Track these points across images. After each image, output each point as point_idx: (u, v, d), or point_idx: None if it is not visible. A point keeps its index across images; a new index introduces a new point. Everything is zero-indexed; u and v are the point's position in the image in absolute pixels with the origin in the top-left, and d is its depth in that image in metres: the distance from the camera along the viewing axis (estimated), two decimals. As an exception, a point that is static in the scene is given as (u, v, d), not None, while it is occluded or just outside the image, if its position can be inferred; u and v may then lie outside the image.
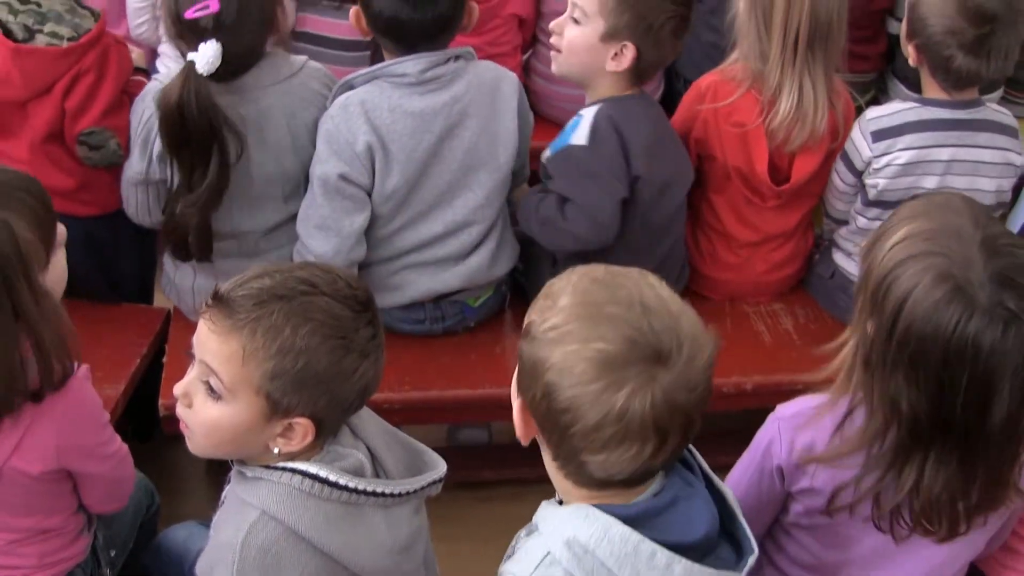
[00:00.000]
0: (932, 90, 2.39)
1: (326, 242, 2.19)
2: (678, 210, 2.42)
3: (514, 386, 1.31)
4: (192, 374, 1.45)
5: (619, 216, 2.23)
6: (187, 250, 2.20)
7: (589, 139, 2.24)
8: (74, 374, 1.64)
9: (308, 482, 1.42)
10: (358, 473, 1.45)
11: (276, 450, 1.45)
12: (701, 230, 2.57)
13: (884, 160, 2.36)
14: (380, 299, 2.23)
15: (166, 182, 2.21)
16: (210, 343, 1.40)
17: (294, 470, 1.43)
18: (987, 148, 2.39)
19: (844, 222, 2.55)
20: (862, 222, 2.47)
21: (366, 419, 1.57)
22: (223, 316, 1.39)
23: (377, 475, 1.51)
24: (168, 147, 2.10)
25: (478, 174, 2.28)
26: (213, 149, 2.09)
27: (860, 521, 1.50)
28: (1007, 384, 1.32)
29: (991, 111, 2.42)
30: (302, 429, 1.42)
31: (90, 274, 2.42)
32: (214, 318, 1.40)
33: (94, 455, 1.72)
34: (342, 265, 2.17)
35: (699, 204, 2.55)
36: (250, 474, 1.47)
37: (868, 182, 2.40)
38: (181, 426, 1.49)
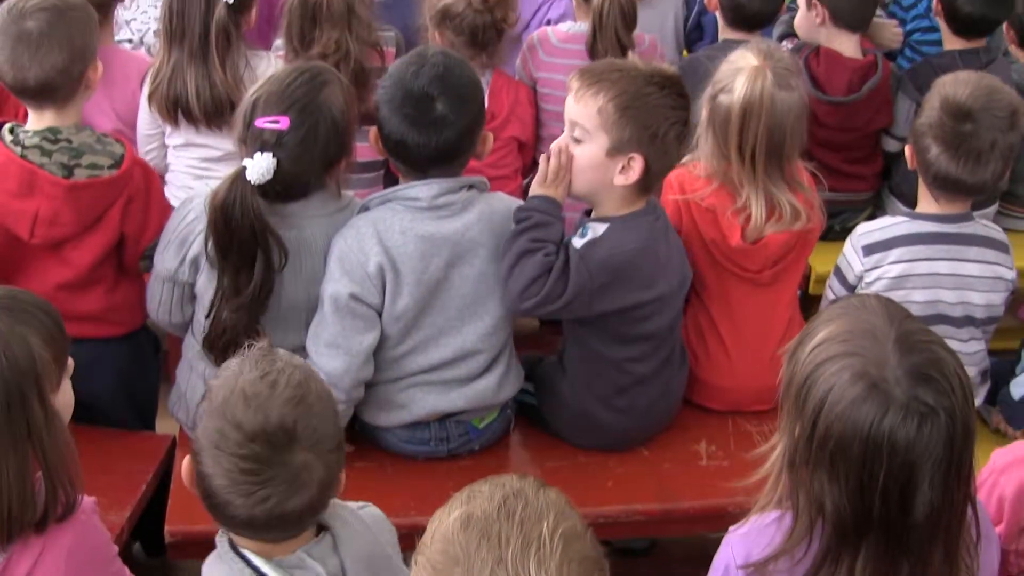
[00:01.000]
0: (925, 202, 2.54)
1: (335, 360, 2.26)
2: (674, 320, 2.48)
3: None
4: None
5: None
6: (232, 355, 2.28)
7: (584, 246, 2.30)
8: (80, 507, 1.66)
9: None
10: None
11: None
12: (694, 329, 2.64)
13: (875, 274, 2.48)
14: (385, 417, 2.38)
15: (192, 286, 2.34)
16: None
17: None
18: (977, 262, 2.52)
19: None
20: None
21: (356, 534, 1.61)
22: None
23: None
24: (216, 248, 2.21)
25: (487, 303, 2.35)
26: (257, 252, 2.20)
27: None
28: (927, 477, 1.37)
29: (981, 226, 2.55)
30: None
31: (113, 396, 2.55)
32: None
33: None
34: (349, 384, 2.27)
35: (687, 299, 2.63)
36: None
37: (861, 296, 2.49)
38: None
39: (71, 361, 1.82)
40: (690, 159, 2.56)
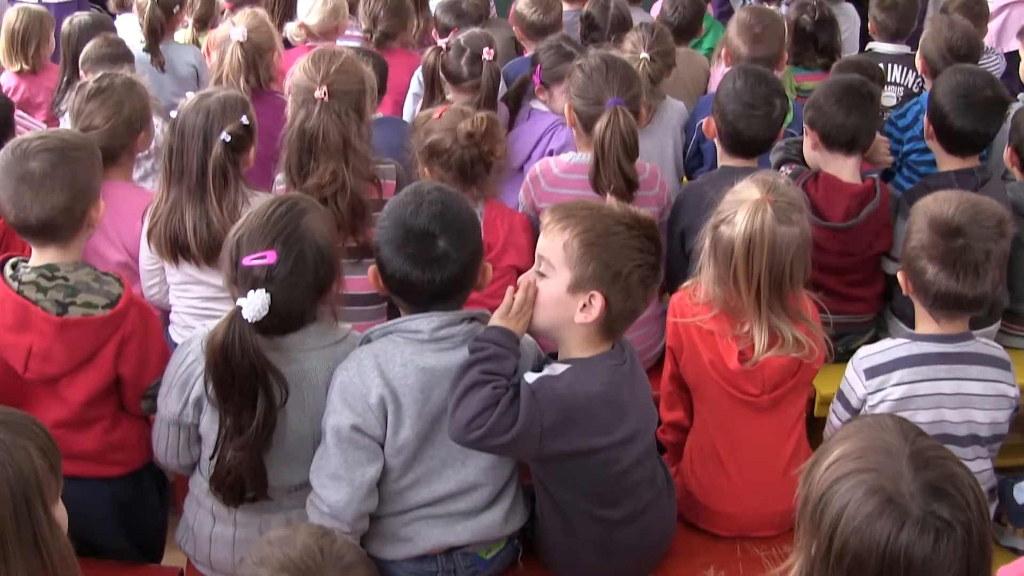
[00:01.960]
0: (924, 324, 2.60)
1: (338, 492, 2.29)
2: (640, 459, 2.41)
3: None
4: None
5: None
6: (240, 494, 2.32)
7: (536, 381, 2.28)
8: None
9: None
10: None
11: None
12: (696, 453, 2.66)
13: (878, 396, 2.52)
14: (391, 551, 2.39)
15: (197, 427, 2.38)
16: None
17: None
18: (979, 381, 2.56)
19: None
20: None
21: None
22: None
23: None
24: (216, 390, 2.25)
25: None
26: (259, 391, 2.24)
27: None
28: None
29: (981, 344, 2.60)
30: None
31: (114, 533, 2.57)
32: None
33: None
34: (352, 516, 2.29)
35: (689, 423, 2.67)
36: None
37: (865, 420, 2.52)
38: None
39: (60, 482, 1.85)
40: (691, 284, 2.62)
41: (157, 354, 2.56)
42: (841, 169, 3.30)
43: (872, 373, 2.55)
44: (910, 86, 4.76)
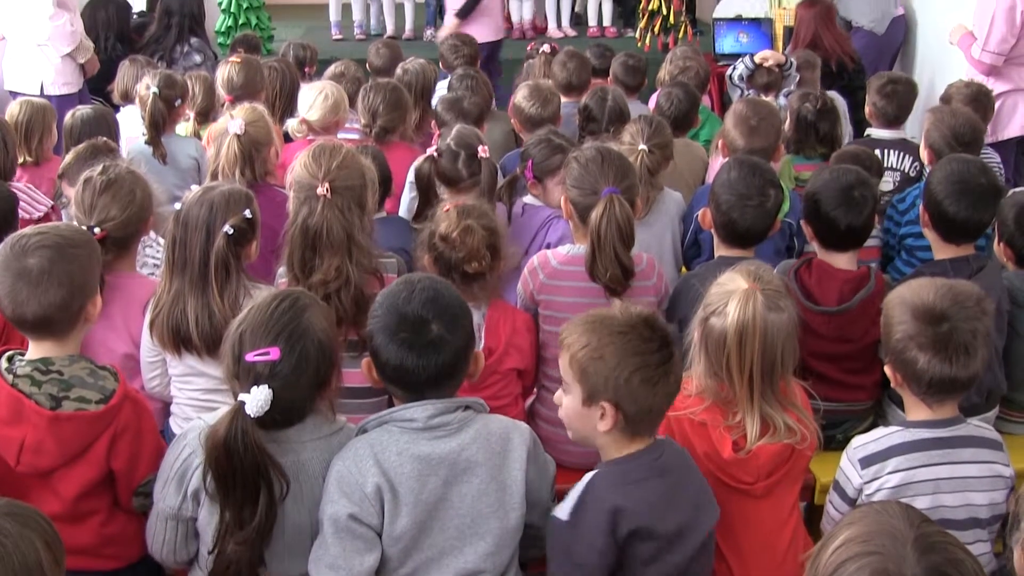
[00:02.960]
0: (915, 410, 2.67)
1: None
2: (698, 554, 2.47)
3: None
4: None
5: None
6: None
7: (570, 514, 2.37)
8: None
9: None
10: None
11: None
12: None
13: (875, 485, 2.57)
14: None
15: (195, 520, 2.42)
16: None
17: None
18: (974, 463, 2.62)
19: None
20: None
21: None
22: None
23: None
24: (217, 485, 2.30)
25: (488, 522, 2.42)
26: (260, 486, 2.29)
27: None
28: None
29: (973, 427, 2.67)
30: None
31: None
32: None
33: None
34: (352, 605, 2.32)
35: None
36: None
37: (862, 510, 2.57)
38: None
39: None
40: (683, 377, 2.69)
41: (150, 450, 2.61)
42: (836, 259, 3.38)
43: (867, 462, 2.61)
44: (907, 171, 4.88)
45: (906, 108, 5.13)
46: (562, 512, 2.38)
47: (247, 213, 3.05)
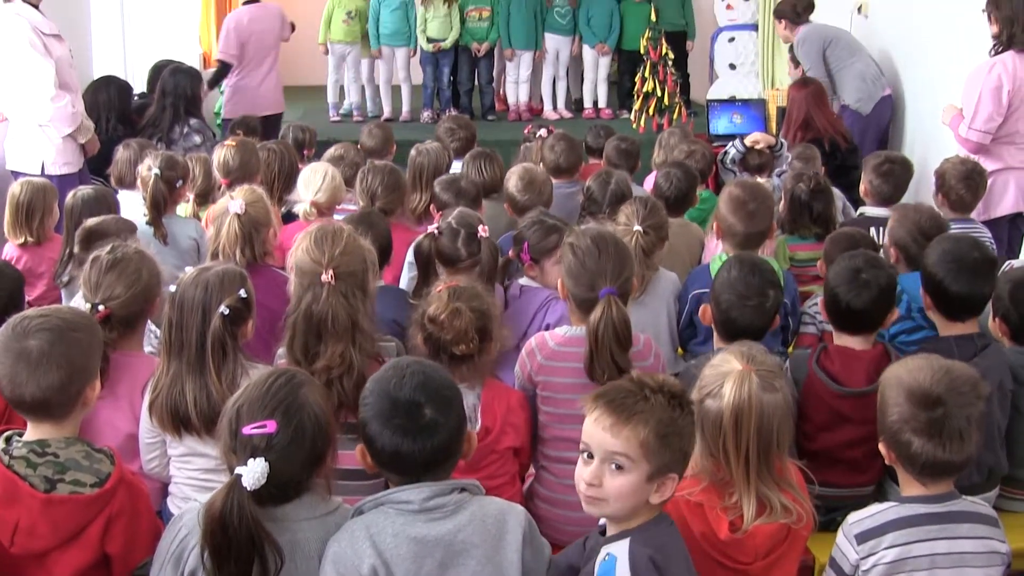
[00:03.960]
0: (909, 487, 2.70)
1: None
2: None
3: None
4: None
5: None
6: None
7: None
8: None
9: None
10: None
11: None
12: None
13: (871, 561, 2.60)
14: None
15: None
16: None
17: None
18: (970, 539, 2.65)
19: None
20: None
21: None
22: None
23: None
24: (212, 559, 2.29)
25: None
26: (255, 561, 2.29)
27: None
28: None
29: (968, 503, 2.71)
30: None
31: None
32: None
33: None
34: None
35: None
36: None
37: (859, 585, 2.60)
38: None
39: None
40: None
41: (146, 534, 2.61)
42: (851, 343, 3.44)
43: (863, 538, 2.63)
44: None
45: (902, 187, 5.21)
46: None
47: (242, 293, 3.09)
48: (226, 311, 3.03)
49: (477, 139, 6.56)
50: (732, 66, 9.88)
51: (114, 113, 7.02)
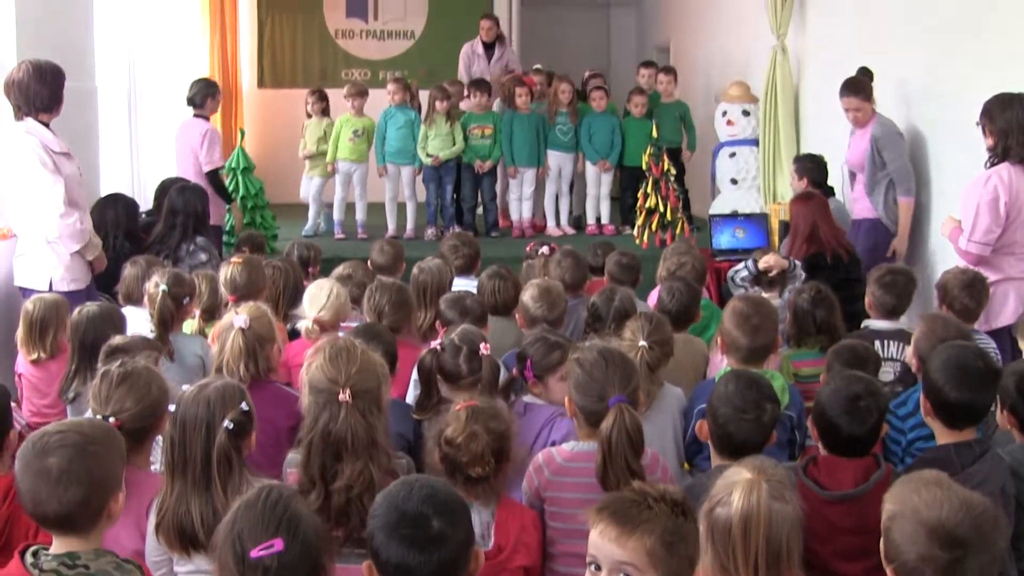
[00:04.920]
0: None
1: None
2: None
3: None
4: None
5: None
6: None
7: None
8: None
9: None
10: None
11: None
12: None
13: None
14: None
15: None
16: None
17: None
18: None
19: None
20: None
21: None
22: None
23: None
24: None
25: None
26: None
27: None
28: None
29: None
30: None
31: None
32: None
33: None
34: None
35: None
36: None
37: None
38: None
39: None
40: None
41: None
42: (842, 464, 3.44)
43: None
44: (907, 361, 4.94)
45: (905, 300, 5.24)
46: None
47: (244, 406, 3.12)
48: (230, 426, 3.06)
49: (481, 256, 6.64)
50: (734, 181, 10.01)
51: (121, 230, 7.11)
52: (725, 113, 10.06)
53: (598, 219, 10.37)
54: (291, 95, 10.17)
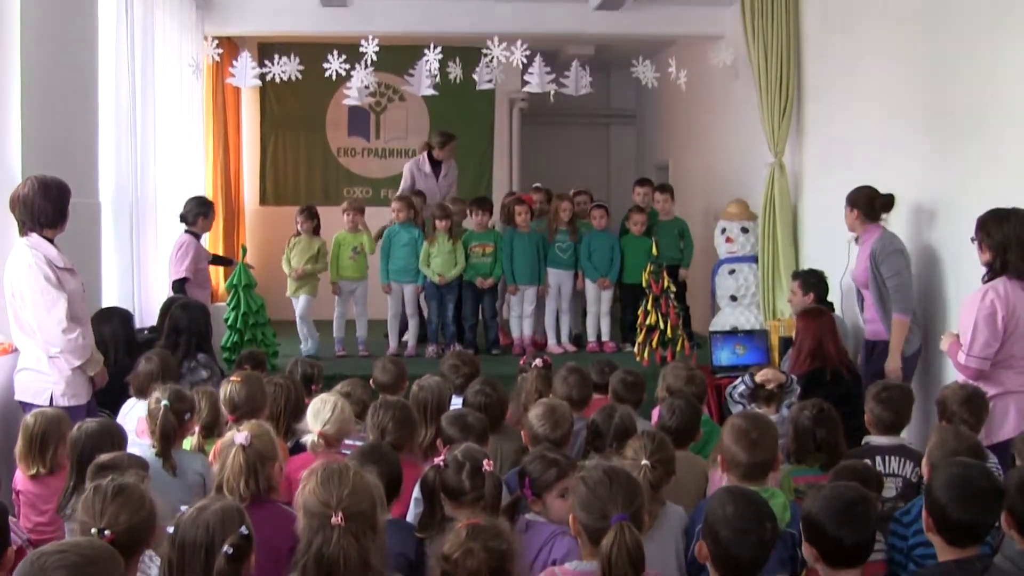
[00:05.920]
0: None
1: None
2: None
3: None
4: None
5: None
6: None
7: None
8: None
9: None
10: None
11: None
12: None
13: None
14: None
15: None
16: None
17: None
18: None
19: None
20: None
21: None
22: None
23: None
24: None
25: None
26: None
27: None
28: None
29: None
30: None
31: None
32: None
33: None
34: None
35: None
36: None
37: None
38: None
39: None
40: None
41: None
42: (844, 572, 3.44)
43: None
44: (909, 476, 4.96)
45: (903, 415, 5.27)
46: None
47: (243, 530, 3.13)
48: (230, 550, 3.06)
49: (481, 374, 6.67)
50: (733, 298, 10.11)
51: (121, 344, 7.16)
52: (724, 230, 10.21)
53: (598, 336, 10.41)
54: (293, 212, 10.25)
